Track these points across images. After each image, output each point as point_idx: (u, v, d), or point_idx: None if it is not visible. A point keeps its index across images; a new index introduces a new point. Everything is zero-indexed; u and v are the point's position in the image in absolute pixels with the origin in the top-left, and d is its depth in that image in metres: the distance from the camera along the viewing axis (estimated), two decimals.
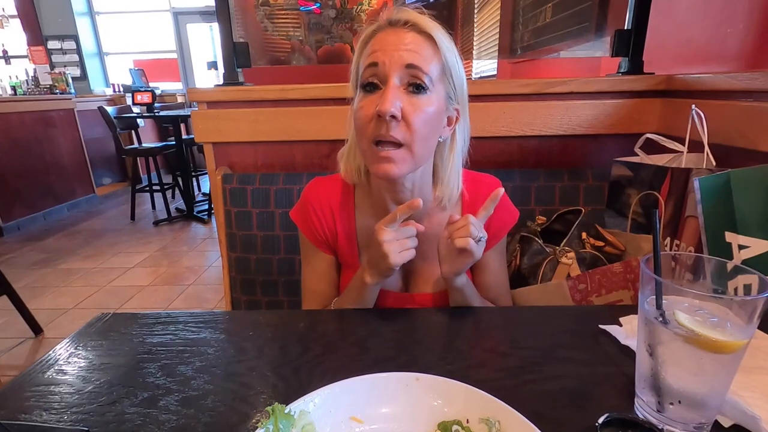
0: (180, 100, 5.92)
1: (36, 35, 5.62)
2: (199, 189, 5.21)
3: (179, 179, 4.29)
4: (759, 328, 0.48)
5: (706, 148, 0.83)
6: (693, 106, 0.86)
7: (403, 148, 0.61)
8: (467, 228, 0.62)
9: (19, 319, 2.24)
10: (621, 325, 0.60)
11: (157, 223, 4.18)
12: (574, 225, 0.93)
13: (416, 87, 0.61)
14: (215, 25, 4.60)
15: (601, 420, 0.40)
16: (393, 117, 0.59)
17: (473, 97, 1.14)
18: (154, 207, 4.72)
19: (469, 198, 0.76)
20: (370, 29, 0.66)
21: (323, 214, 0.76)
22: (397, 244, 0.63)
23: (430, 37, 0.63)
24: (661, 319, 0.42)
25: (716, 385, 0.41)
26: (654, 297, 0.42)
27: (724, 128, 0.86)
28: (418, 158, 0.64)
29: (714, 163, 0.83)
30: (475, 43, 2.75)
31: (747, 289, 0.43)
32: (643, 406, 0.44)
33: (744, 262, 0.68)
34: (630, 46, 1.17)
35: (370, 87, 0.62)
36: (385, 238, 0.63)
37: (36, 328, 2.28)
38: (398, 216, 0.62)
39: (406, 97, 0.60)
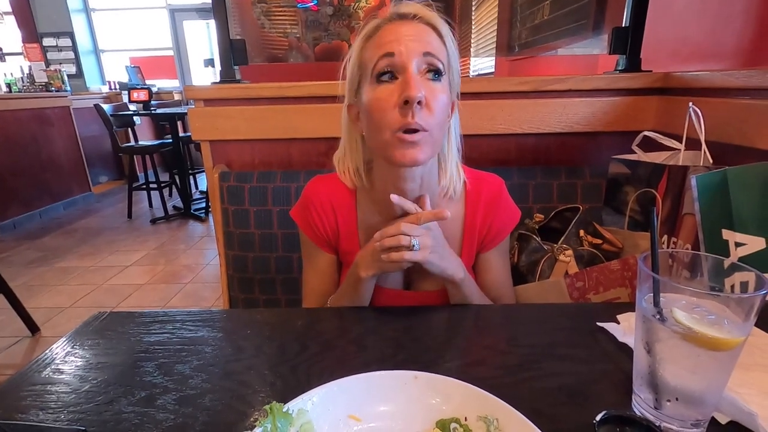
0: (177, 97, 5.90)
1: (31, 32, 5.58)
2: (197, 187, 5.19)
3: (176, 177, 4.28)
4: (756, 325, 0.48)
5: (704, 145, 0.84)
6: (690, 103, 0.86)
7: (427, 133, 0.61)
8: (398, 239, 0.63)
9: (15, 318, 2.24)
10: (618, 323, 0.60)
11: (154, 221, 4.17)
12: (572, 222, 0.94)
13: (434, 73, 0.61)
14: (212, 22, 4.58)
15: (598, 417, 0.40)
16: (419, 103, 0.59)
17: (471, 95, 1.15)
18: (151, 205, 4.71)
19: (473, 192, 0.76)
20: (374, 23, 0.65)
21: (324, 213, 0.76)
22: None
23: (436, 30, 0.63)
24: (658, 316, 0.42)
25: (713, 382, 0.41)
26: (651, 294, 0.42)
27: (721, 126, 0.86)
28: (437, 145, 0.65)
29: (711, 161, 0.83)
30: (472, 41, 2.74)
31: (744, 286, 0.43)
32: (641, 404, 0.44)
33: (741, 259, 0.68)
34: (628, 43, 1.17)
35: (387, 77, 0.61)
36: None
37: (33, 327, 2.28)
38: (421, 220, 0.63)
39: (425, 83, 0.60)
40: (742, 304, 0.38)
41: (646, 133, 0.97)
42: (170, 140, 4.19)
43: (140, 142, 4.48)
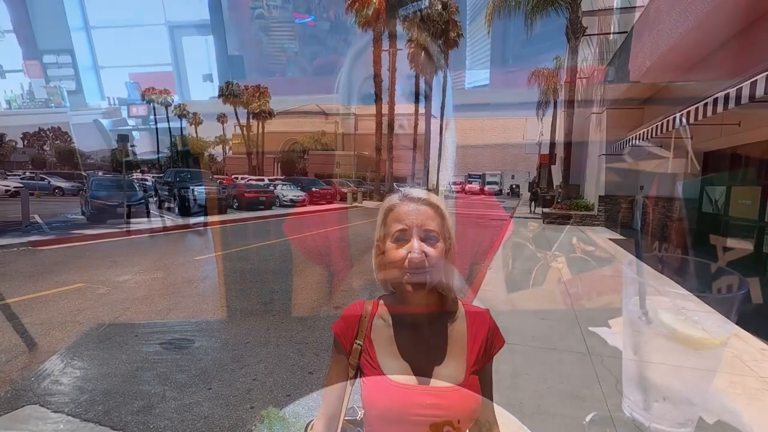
0: (176, 112, 5.94)
1: (31, 49, 5.64)
2: (196, 201, 5.21)
3: (176, 190, 4.29)
4: (746, 329, 0.50)
5: (690, 153, 0.86)
6: (677, 112, 0.88)
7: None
8: None
9: (11, 331, 2.22)
10: (610, 327, 0.61)
11: (153, 234, 4.17)
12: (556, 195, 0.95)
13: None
14: (211, 39, 4.65)
15: (588, 418, 0.41)
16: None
17: (466, 106, 1.17)
18: (149, 218, 4.71)
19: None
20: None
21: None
22: None
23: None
24: (644, 318, 0.43)
25: (699, 382, 0.42)
26: (638, 297, 0.44)
27: (708, 134, 0.88)
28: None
29: (699, 168, 0.85)
30: (467, 53, 2.79)
31: (729, 289, 0.44)
32: (630, 405, 0.45)
33: (728, 263, 0.69)
34: (616, 55, 1.19)
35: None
36: None
37: (30, 342, 2.26)
38: None
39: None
40: (723, 304, 0.40)
41: (635, 141, 0.99)
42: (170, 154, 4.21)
43: (139, 156, 4.50)
